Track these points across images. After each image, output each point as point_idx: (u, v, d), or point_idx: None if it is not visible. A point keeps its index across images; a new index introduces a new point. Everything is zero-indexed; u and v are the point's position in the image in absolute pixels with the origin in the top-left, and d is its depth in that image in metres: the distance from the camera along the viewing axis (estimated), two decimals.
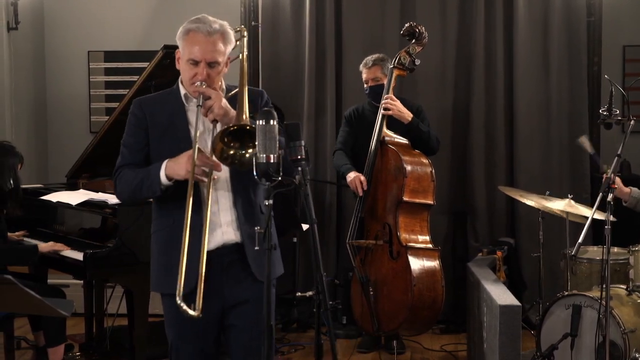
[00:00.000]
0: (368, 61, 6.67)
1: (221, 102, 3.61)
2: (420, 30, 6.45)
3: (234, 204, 3.73)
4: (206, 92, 3.63)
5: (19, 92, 7.91)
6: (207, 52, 3.65)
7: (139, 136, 3.80)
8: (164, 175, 3.63)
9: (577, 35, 7.51)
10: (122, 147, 3.85)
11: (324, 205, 7.76)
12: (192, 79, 3.69)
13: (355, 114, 6.80)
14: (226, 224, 3.72)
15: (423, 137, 6.41)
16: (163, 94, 3.89)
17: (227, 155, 3.47)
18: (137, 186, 3.71)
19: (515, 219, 7.65)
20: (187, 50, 3.69)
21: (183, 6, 8.05)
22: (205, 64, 3.66)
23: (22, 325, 6.88)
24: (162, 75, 5.79)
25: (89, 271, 5.44)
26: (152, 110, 3.81)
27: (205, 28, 3.66)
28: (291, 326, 7.43)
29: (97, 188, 6.39)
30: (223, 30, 3.70)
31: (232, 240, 3.73)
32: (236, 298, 3.75)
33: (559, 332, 5.30)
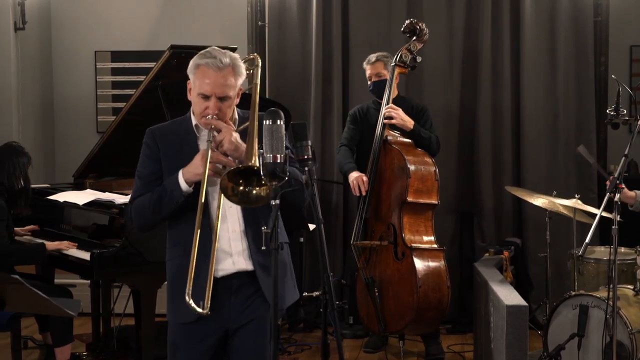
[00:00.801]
0: (371, 57, 6.69)
1: (231, 137, 3.60)
2: (421, 27, 6.46)
3: (244, 233, 3.72)
4: (217, 125, 3.62)
5: (26, 92, 7.92)
6: (218, 86, 3.62)
7: (152, 168, 3.78)
8: (183, 181, 3.62)
9: (584, 35, 7.50)
10: (136, 178, 3.83)
11: (331, 205, 7.76)
12: (203, 112, 3.67)
13: (360, 113, 6.79)
14: (237, 253, 3.72)
15: (424, 144, 6.41)
16: (175, 123, 3.88)
17: (237, 192, 3.44)
18: (156, 204, 3.70)
19: (522, 219, 7.63)
20: (198, 84, 3.66)
21: (190, 6, 8.06)
22: (216, 99, 3.64)
23: (29, 325, 6.90)
24: (169, 76, 5.79)
25: (96, 271, 5.44)
26: (164, 140, 3.79)
27: (215, 63, 3.61)
28: (298, 326, 7.44)
29: (103, 188, 6.40)
30: (234, 64, 3.66)
31: (244, 269, 3.72)
32: (243, 320, 3.73)
33: (566, 333, 5.30)
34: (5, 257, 5.67)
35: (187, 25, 8.01)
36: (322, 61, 7.74)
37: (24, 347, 6.48)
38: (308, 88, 7.81)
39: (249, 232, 3.71)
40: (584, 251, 4.69)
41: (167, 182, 3.69)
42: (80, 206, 5.90)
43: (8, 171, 5.88)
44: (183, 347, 3.78)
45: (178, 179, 3.63)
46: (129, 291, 6.29)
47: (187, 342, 3.76)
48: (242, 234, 3.72)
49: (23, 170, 5.95)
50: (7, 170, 5.88)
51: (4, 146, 6.08)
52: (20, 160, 5.95)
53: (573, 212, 5.96)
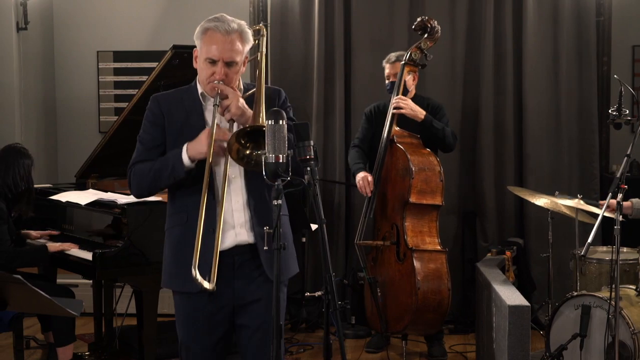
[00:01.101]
0: (391, 57, 6.62)
1: (238, 102, 3.61)
2: (432, 24, 6.34)
3: (247, 204, 3.72)
4: (224, 90, 3.63)
5: (29, 92, 7.92)
6: (225, 51, 3.64)
7: (155, 133, 3.79)
8: (186, 157, 3.63)
9: (587, 35, 7.50)
10: (138, 143, 3.84)
11: (333, 205, 7.76)
12: (209, 77, 3.68)
13: (375, 111, 6.73)
14: (239, 225, 3.72)
15: (438, 135, 6.33)
16: (180, 91, 3.87)
17: (243, 155, 3.47)
18: (157, 174, 3.71)
19: (524, 219, 7.63)
20: (205, 49, 3.68)
21: (192, 6, 8.06)
22: (223, 63, 3.65)
23: (32, 325, 6.91)
24: (171, 76, 5.79)
25: (98, 271, 5.44)
26: (169, 107, 3.80)
27: (223, 27, 3.65)
28: (300, 326, 7.43)
29: (106, 188, 6.41)
30: (241, 30, 3.69)
31: (245, 242, 3.72)
32: (247, 297, 3.74)
33: (568, 333, 5.30)
34: (9, 261, 5.67)
35: (190, 25, 7.87)
36: (324, 61, 7.74)
37: (26, 347, 6.48)
38: (310, 88, 7.82)
39: (252, 204, 3.71)
40: (586, 251, 4.69)
41: (170, 155, 3.69)
42: (83, 206, 5.90)
43: (12, 173, 5.88)
44: (193, 319, 3.76)
45: (182, 154, 3.64)
46: (131, 291, 6.28)
47: (197, 312, 3.74)
48: (245, 206, 3.72)
49: (26, 172, 5.95)
50: (12, 172, 5.88)
51: (8, 148, 6.08)
52: (24, 162, 5.95)
53: (575, 212, 5.95)
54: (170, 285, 3.84)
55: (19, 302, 4.02)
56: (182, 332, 3.85)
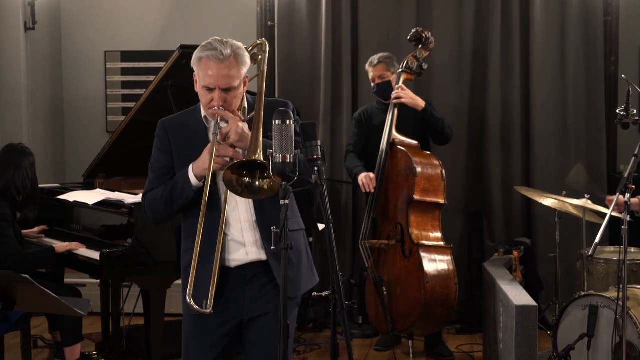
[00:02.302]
0: (373, 60, 6.72)
1: (237, 128, 3.59)
2: (426, 35, 6.52)
3: (256, 223, 3.71)
4: (223, 116, 3.62)
5: (36, 92, 7.93)
6: (220, 78, 3.61)
7: (164, 160, 3.80)
8: (192, 176, 3.64)
9: (594, 35, 7.49)
10: (150, 171, 3.85)
11: (340, 205, 7.76)
12: (208, 104, 3.67)
13: (364, 115, 6.83)
14: (250, 243, 3.71)
15: (438, 124, 6.47)
16: (186, 114, 3.87)
17: (240, 183, 3.44)
18: (169, 198, 3.72)
19: (531, 219, 7.62)
20: (201, 77, 3.66)
21: (200, 6, 8.07)
22: (220, 90, 3.63)
23: (39, 325, 6.92)
24: (179, 75, 5.80)
25: (106, 270, 5.46)
26: (175, 133, 3.80)
27: (216, 55, 3.60)
28: (307, 326, 7.43)
29: (113, 188, 6.42)
30: (236, 54, 3.64)
31: (257, 259, 3.73)
32: (256, 310, 3.74)
33: (575, 333, 5.29)
34: (19, 264, 5.66)
35: (197, 25, 8.01)
36: (331, 61, 7.74)
37: (33, 346, 6.50)
38: (317, 88, 7.82)
39: (261, 221, 3.70)
40: (594, 251, 4.68)
41: (178, 177, 3.71)
42: (90, 206, 5.91)
43: (20, 175, 5.86)
44: (195, 338, 3.78)
45: (188, 174, 3.65)
46: (138, 291, 6.29)
47: (199, 332, 3.76)
48: (254, 224, 3.72)
49: (31, 171, 5.94)
50: (20, 174, 5.86)
51: (9, 148, 6.05)
52: (26, 162, 5.93)
53: (583, 212, 5.95)
54: (183, 308, 3.83)
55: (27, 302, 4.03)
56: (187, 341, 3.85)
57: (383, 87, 6.63)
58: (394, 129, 6.39)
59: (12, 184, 5.80)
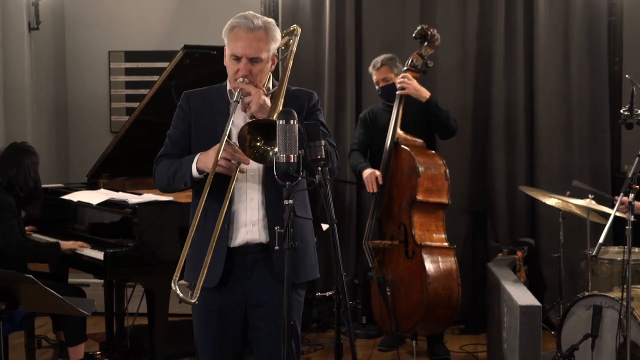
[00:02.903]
0: (376, 62, 6.71)
1: (259, 99, 3.62)
2: (432, 32, 6.50)
3: (262, 203, 3.72)
4: (246, 88, 3.64)
5: (40, 92, 7.94)
6: (249, 47, 3.66)
7: (181, 128, 3.83)
8: (194, 168, 3.65)
9: (598, 35, 7.48)
10: (167, 137, 3.89)
11: (344, 205, 7.76)
12: (234, 74, 3.70)
13: (370, 116, 6.83)
14: (252, 222, 3.71)
15: (442, 117, 6.47)
16: (211, 89, 3.90)
17: (252, 146, 3.47)
18: (171, 176, 3.75)
19: (535, 219, 7.62)
20: (230, 46, 3.70)
21: (203, 6, 8.07)
22: (247, 60, 3.67)
23: (43, 325, 6.92)
24: (183, 75, 5.81)
25: (109, 270, 5.46)
26: (197, 104, 3.83)
27: (247, 24, 3.66)
28: (311, 326, 7.44)
29: (117, 187, 6.41)
30: (267, 27, 3.70)
31: (256, 240, 3.72)
32: (260, 299, 3.74)
33: (579, 333, 5.28)
34: (22, 254, 5.70)
35: (201, 25, 8.02)
36: (335, 61, 7.74)
37: (37, 346, 6.50)
38: (321, 88, 7.81)
39: (267, 203, 3.71)
40: (598, 251, 4.68)
41: (184, 161, 3.72)
42: (94, 206, 5.91)
43: (23, 173, 5.88)
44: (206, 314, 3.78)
45: (192, 164, 3.66)
46: (142, 291, 6.30)
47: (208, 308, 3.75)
48: (260, 204, 3.72)
49: (32, 170, 5.95)
50: (23, 172, 5.88)
51: (13, 146, 6.06)
52: (29, 161, 5.94)
53: (587, 212, 5.94)
54: (187, 279, 3.84)
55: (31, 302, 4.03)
56: (196, 329, 3.86)
57: (387, 89, 6.64)
58: (399, 127, 6.39)
59: (15, 181, 5.83)
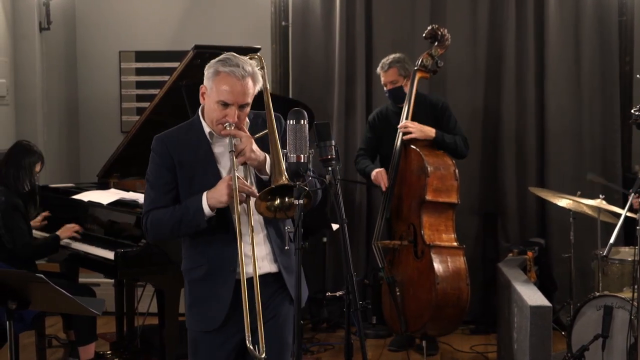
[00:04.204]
0: (384, 64, 6.69)
1: (252, 146, 3.61)
2: (442, 32, 6.49)
3: (267, 238, 3.74)
4: (237, 134, 3.62)
5: (51, 91, 7.96)
6: (240, 95, 3.62)
7: (166, 177, 3.76)
8: (207, 206, 3.63)
9: (609, 35, 7.46)
10: (148, 188, 3.81)
11: (354, 205, 7.76)
12: (220, 119, 3.66)
13: (379, 117, 6.82)
14: (261, 258, 3.72)
15: (450, 148, 6.44)
16: (182, 129, 3.83)
17: (274, 209, 3.49)
18: (177, 224, 3.70)
19: (546, 220, 7.60)
20: (217, 92, 3.64)
21: (214, 6, 8.07)
22: (237, 107, 3.63)
23: (54, 324, 6.94)
24: (193, 75, 5.79)
25: (120, 270, 5.47)
26: (177, 149, 3.75)
27: (238, 72, 3.60)
28: (321, 326, 7.44)
29: (128, 187, 6.43)
30: (254, 72, 3.66)
31: (268, 272, 3.75)
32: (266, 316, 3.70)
33: (590, 333, 5.28)
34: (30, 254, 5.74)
35: (211, 26, 8.02)
36: (345, 61, 7.74)
37: (48, 345, 6.52)
38: (331, 88, 7.82)
39: (272, 237, 3.74)
40: (609, 252, 4.67)
41: (189, 204, 3.68)
42: (105, 205, 5.93)
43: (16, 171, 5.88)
44: (205, 352, 3.80)
45: (202, 204, 3.64)
46: (152, 290, 6.31)
47: (209, 347, 3.78)
48: (265, 238, 3.75)
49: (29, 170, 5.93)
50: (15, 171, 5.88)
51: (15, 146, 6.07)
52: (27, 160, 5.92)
53: (597, 213, 5.93)
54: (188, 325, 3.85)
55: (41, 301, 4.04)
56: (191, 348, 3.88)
57: (394, 92, 6.63)
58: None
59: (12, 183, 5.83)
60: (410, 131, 6.35)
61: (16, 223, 5.72)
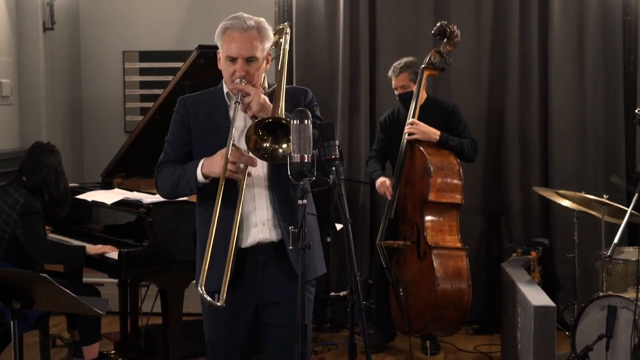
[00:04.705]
0: (396, 68, 6.65)
1: (259, 99, 3.62)
2: (451, 29, 6.45)
3: (271, 202, 3.74)
4: (245, 89, 3.66)
5: (55, 91, 7.97)
6: (244, 48, 3.68)
7: (181, 134, 3.85)
8: (200, 174, 3.67)
9: (613, 35, 7.45)
10: (166, 143, 3.91)
11: (358, 205, 7.76)
12: (231, 76, 3.72)
13: (390, 119, 6.79)
14: (262, 222, 3.73)
15: (456, 151, 6.38)
16: (207, 92, 3.93)
17: (259, 147, 3.49)
18: (175, 183, 3.77)
19: (550, 219, 7.59)
20: (225, 48, 3.73)
21: (217, 6, 8.07)
22: (243, 60, 3.69)
23: (58, 324, 6.94)
24: (197, 75, 5.82)
25: (124, 270, 5.48)
26: (195, 108, 3.85)
27: (240, 24, 3.70)
28: (324, 326, 7.44)
29: (131, 187, 6.43)
30: (259, 26, 3.74)
31: (267, 239, 3.73)
32: (271, 297, 3.75)
33: (594, 334, 5.28)
34: (46, 257, 5.71)
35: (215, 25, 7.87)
36: (349, 61, 7.74)
37: (52, 345, 6.51)
38: (335, 88, 7.82)
39: (276, 201, 3.72)
40: (613, 252, 4.68)
41: (188, 167, 3.74)
42: (109, 205, 5.93)
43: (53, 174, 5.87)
44: (216, 330, 3.80)
45: (196, 171, 3.68)
46: (156, 290, 6.31)
47: (219, 324, 3.78)
48: (269, 203, 3.74)
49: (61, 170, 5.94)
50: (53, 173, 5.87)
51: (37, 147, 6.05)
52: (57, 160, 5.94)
53: (601, 213, 5.93)
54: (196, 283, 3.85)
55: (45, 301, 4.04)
56: (208, 330, 3.88)
57: (403, 97, 6.60)
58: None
59: (44, 184, 5.80)
60: (413, 132, 6.33)
61: (34, 225, 5.69)
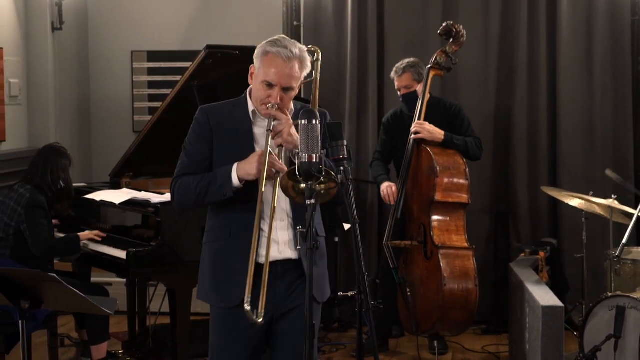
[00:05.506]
0: (398, 69, 6.64)
1: (290, 129, 3.59)
2: (457, 29, 6.43)
3: (292, 224, 3.73)
4: (277, 115, 3.62)
5: (64, 92, 7.98)
6: (284, 77, 3.64)
7: (202, 148, 3.79)
8: (235, 177, 3.63)
9: (621, 35, 7.44)
10: (183, 154, 3.84)
11: (366, 205, 7.76)
12: (264, 99, 3.68)
13: (393, 118, 6.78)
14: (283, 243, 3.72)
15: (461, 150, 6.37)
16: (229, 104, 3.86)
17: (299, 190, 3.41)
18: (203, 190, 3.71)
19: (558, 220, 7.58)
20: (264, 72, 3.67)
21: (226, 6, 8.08)
22: (280, 88, 3.64)
23: (66, 323, 6.96)
24: (205, 75, 5.82)
25: (132, 270, 5.49)
26: (218, 120, 3.79)
27: (285, 53, 3.64)
28: (332, 326, 7.44)
29: (140, 187, 6.44)
30: (302, 56, 3.70)
31: (289, 257, 3.74)
32: (287, 306, 3.75)
33: (602, 334, 5.27)
34: (48, 252, 5.79)
35: (223, 25, 8.03)
36: (357, 61, 7.73)
37: (60, 345, 6.52)
38: (343, 88, 7.82)
39: (298, 223, 3.69)
40: (621, 252, 4.68)
41: (219, 173, 3.69)
42: (117, 205, 5.94)
43: (51, 171, 5.94)
44: (229, 332, 3.78)
45: (231, 174, 3.64)
46: (164, 290, 6.33)
47: (230, 332, 3.76)
48: (290, 225, 3.74)
49: (64, 171, 6.00)
50: (50, 171, 5.94)
51: (47, 147, 6.15)
52: (62, 162, 6.01)
53: (610, 213, 5.92)
54: (208, 299, 3.84)
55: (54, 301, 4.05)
56: (216, 341, 3.86)
57: (407, 97, 6.60)
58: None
59: (43, 181, 5.88)
60: (419, 131, 6.32)
61: (38, 220, 5.75)
